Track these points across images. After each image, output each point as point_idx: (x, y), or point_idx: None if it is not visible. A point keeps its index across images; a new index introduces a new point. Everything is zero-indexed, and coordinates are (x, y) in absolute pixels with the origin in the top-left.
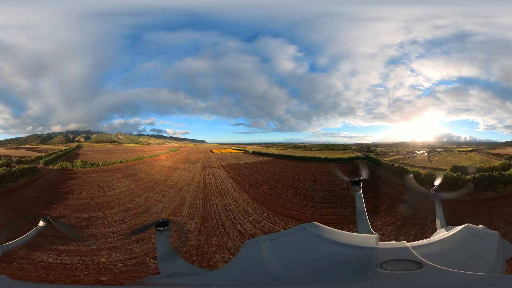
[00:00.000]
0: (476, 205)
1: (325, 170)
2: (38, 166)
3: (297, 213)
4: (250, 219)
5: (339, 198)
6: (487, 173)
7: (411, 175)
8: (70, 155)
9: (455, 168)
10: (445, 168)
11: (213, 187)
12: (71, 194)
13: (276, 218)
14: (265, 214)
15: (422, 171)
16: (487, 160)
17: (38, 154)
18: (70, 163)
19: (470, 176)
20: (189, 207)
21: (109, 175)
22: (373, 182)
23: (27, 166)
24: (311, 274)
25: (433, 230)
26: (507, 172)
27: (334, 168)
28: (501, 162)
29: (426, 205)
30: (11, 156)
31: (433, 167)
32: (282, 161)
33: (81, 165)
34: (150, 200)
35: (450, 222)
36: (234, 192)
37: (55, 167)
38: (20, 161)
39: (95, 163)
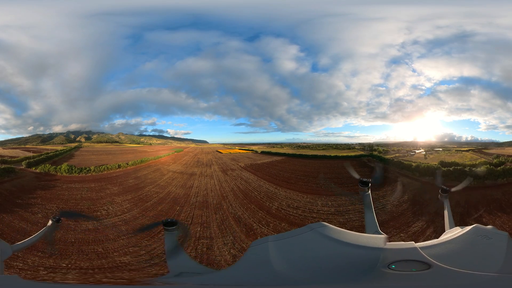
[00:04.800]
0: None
1: (338, 165)
2: (20, 167)
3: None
4: (319, 205)
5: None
6: (459, 167)
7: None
8: (64, 156)
9: (442, 163)
10: (435, 163)
11: (255, 193)
12: (17, 215)
13: (333, 197)
14: (323, 198)
15: (414, 164)
16: (477, 158)
17: (30, 154)
18: (53, 167)
19: (446, 168)
20: (263, 225)
21: (100, 187)
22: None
23: (2, 166)
24: (317, 274)
25: (442, 231)
26: (478, 168)
27: (348, 166)
28: (483, 160)
29: (411, 184)
30: None
31: (426, 162)
32: (296, 159)
33: (66, 170)
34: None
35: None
36: (280, 192)
37: (37, 170)
38: (4, 161)
39: (85, 168)
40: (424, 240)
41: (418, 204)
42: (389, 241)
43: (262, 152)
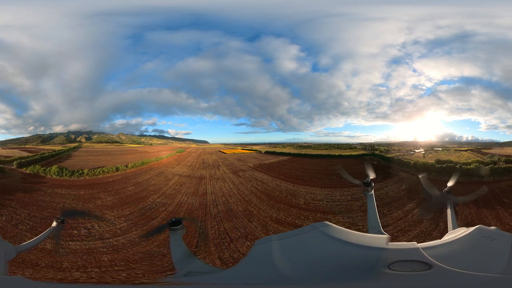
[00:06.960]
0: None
1: (345, 163)
2: (11, 167)
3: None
4: (338, 195)
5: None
6: (451, 165)
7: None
8: (61, 156)
9: (438, 161)
10: (431, 161)
11: (277, 192)
12: None
13: (346, 188)
14: (338, 190)
15: (412, 162)
16: (473, 157)
17: (25, 154)
18: (42, 168)
19: (439, 165)
20: (303, 220)
21: (91, 195)
22: (381, 168)
23: None
24: (318, 274)
25: (445, 232)
26: (467, 166)
27: (342, 170)
28: (476, 159)
29: (408, 178)
30: None
31: (423, 160)
32: (302, 158)
33: (56, 172)
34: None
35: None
36: (300, 189)
37: (27, 171)
38: None
39: (77, 171)
40: (412, 218)
41: (412, 192)
42: (392, 241)
43: (266, 152)
